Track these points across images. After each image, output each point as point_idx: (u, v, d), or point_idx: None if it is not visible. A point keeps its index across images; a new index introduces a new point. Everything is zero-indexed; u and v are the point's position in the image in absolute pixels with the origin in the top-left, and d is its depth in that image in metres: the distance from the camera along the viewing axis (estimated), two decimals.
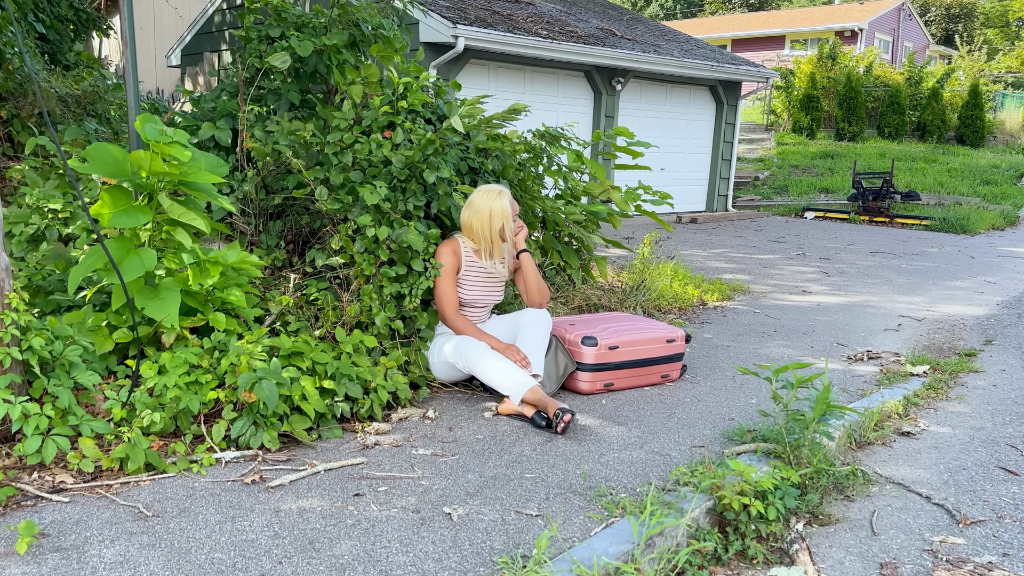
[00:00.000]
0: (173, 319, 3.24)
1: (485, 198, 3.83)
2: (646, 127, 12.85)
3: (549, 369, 3.87)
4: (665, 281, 6.51)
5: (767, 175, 17.64)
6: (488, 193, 3.84)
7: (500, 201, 3.81)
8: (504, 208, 3.81)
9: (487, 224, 3.81)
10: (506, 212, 3.81)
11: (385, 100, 4.22)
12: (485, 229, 3.82)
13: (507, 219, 3.82)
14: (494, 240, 3.83)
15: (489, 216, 3.81)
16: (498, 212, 3.81)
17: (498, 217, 3.81)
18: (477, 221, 3.83)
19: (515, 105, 4.07)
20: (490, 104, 11.11)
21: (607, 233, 10.10)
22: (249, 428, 3.06)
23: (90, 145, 3.26)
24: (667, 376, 4.27)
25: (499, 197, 3.82)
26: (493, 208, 3.81)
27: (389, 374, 3.60)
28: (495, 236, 3.82)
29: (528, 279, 3.90)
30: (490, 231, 3.82)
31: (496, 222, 3.81)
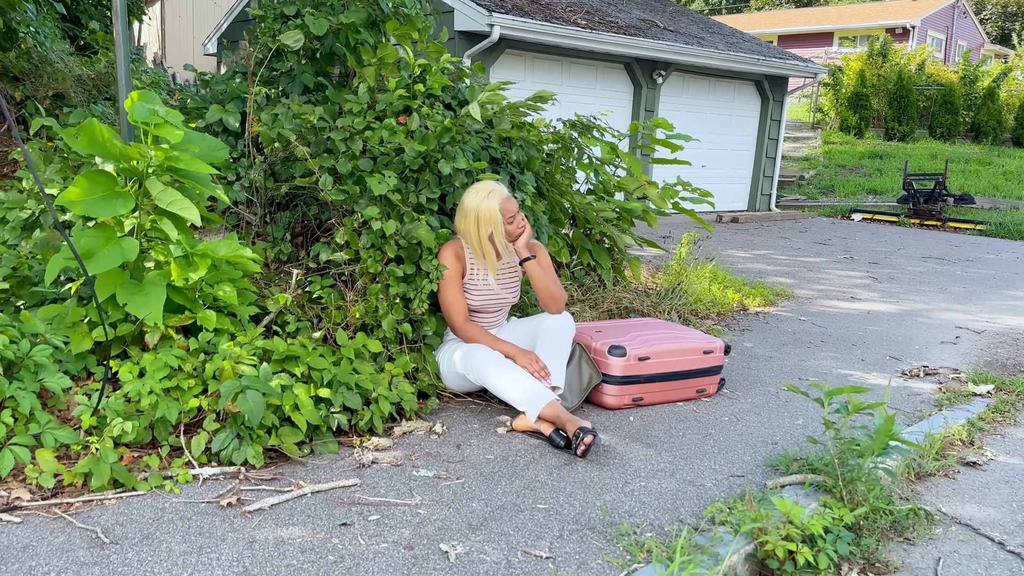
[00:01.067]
0: (156, 317, 2.94)
1: (473, 200, 3.41)
2: (687, 122, 12.39)
3: (571, 381, 3.51)
4: (703, 284, 6.10)
5: (812, 174, 17.04)
6: (476, 193, 3.42)
7: (488, 203, 3.38)
8: (491, 211, 3.38)
9: (474, 230, 3.42)
10: (494, 216, 3.38)
11: (401, 83, 3.89)
12: (473, 236, 3.43)
13: (496, 224, 3.39)
14: (484, 248, 3.44)
15: (475, 220, 3.40)
16: (485, 216, 3.38)
17: (485, 222, 3.38)
18: (464, 225, 3.45)
19: (541, 92, 3.71)
20: (526, 95, 10.76)
21: (642, 232, 9.69)
22: (232, 441, 2.75)
23: (84, 120, 2.98)
24: (703, 391, 3.88)
25: (487, 198, 3.39)
26: (480, 211, 3.39)
27: (394, 383, 3.26)
28: (484, 244, 3.42)
29: (537, 289, 3.49)
30: (478, 238, 3.42)
31: (484, 228, 3.39)
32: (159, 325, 2.97)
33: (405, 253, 3.48)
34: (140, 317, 2.96)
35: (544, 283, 3.47)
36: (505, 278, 3.57)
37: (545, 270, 3.56)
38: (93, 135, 2.83)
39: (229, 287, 3.13)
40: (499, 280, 3.54)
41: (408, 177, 3.63)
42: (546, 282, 3.47)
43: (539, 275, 3.46)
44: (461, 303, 3.45)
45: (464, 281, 3.50)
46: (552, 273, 3.58)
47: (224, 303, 3.24)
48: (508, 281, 3.59)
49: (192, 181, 3.06)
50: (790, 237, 10.64)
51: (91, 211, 2.88)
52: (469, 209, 3.39)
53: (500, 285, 3.54)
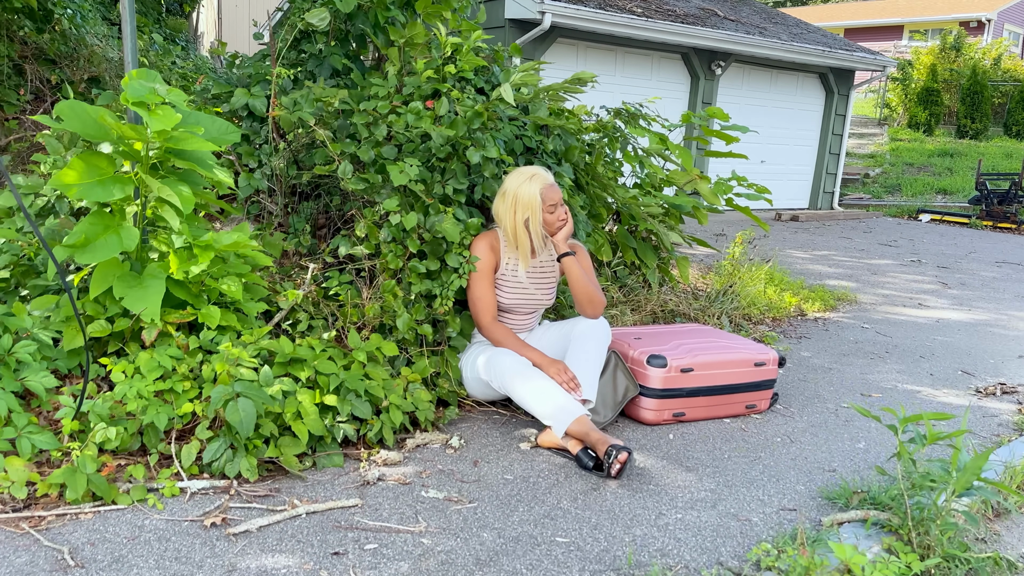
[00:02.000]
0: (153, 312, 2.71)
1: (513, 182, 3.15)
2: (747, 116, 11.89)
3: (605, 393, 3.19)
4: (758, 286, 5.71)
5: (878, 172, 16.31)
6: (518, 175, 3.16)
7: (528, 186, 3.12)
8: (531, 195, 3.11)
9: (511, 214, 3.14)
10: (533, 201, 3.11)
11: (431, 64, 3.60)
12: (509, 221, 3.15)
13: (534, 210, 3.12)
14: (518, 234, 3.15)
15: (513, 203, 3.13)
16: (524, 200, 3.11)
17: (523, 206, 3.11)
18: (503, 211, 3.17)
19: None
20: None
21: (693, 230, 9.28)
22: (225, 452, 2.51)
23: (64, 101, 2.77)
24: (753, 407, 3.53)
25: (529, 182, 3.12)
26: (519, 193, 3.12)
27: (410, 389, 2.99)
28: (519, 229, 3.14)
29: (573, 288, 3.19)
30: (514, 224, 3.14)
31: (520, 212, 3.12)
32: (156, 321, 2.75)
33: (429, 248, 3.20)
34: (136, 312, 2.74)
35: (583, 284, 3.17)
36: (539, 276, 3.27)
37: (585, 270, 3.25)
38: (81, 115, 2.61)
39: (235, 281, 2.89)
40: (531, 276, 3.24)
41: (434, 166, 3.35)
42: (585, 283, 3.17)
43: (578, 274, 3.16)
44: (491, 300, 3.16)
45: (496, 276, 3.21)
46: (592, 275, 3.28)
47: (230, 299, 3.00)
48: (543, 280, 3.29)
49: (192, 163, 2.82)
50: (853, 237, 10.11)
51: (87, 195, 2.67)
52: (508, 190, 3.14)
53: (532, 282, 3.24)
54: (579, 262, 3.25)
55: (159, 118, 2.63)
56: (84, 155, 2.73)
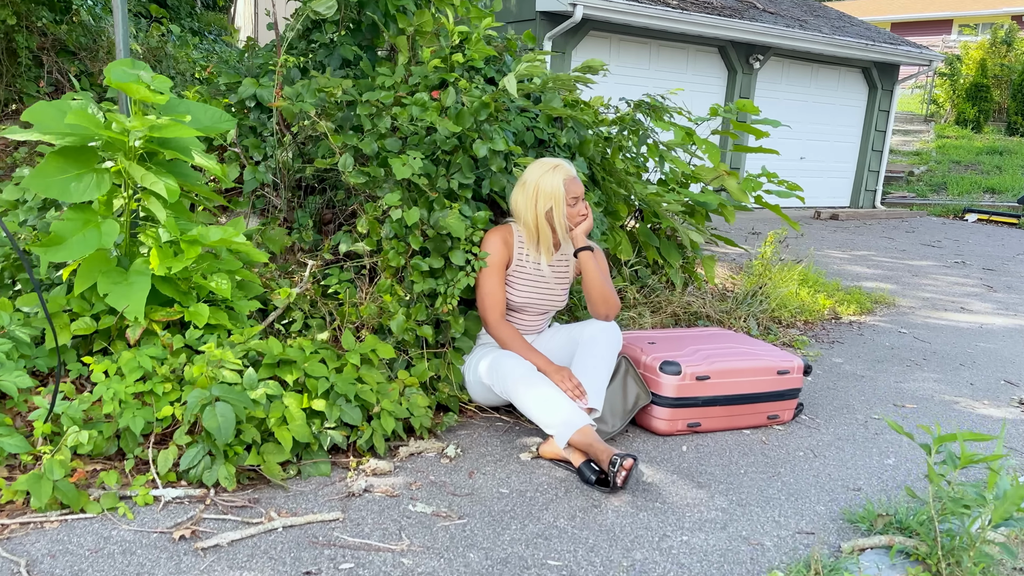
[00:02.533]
0: (137, 310, 2.60)
1: (535, 172, 3.00)
2: (786, 111, 11.56)
3: (613, 401, 3.01)
4: (790, 287, 5.46)
5: (923, 170, 15.81)
6: (540, 166, 3.00)
7: (552, 177, 2.96)
8: (555, 187, 2.95)
9: (531, 205, 2.98)
10: (557, 192, 2.95)
11: (440, 54, 3.44)
12: (529, 212, 2.99)
13: (558, 201, 2.96)
14: (540, 227, 2.99)
15: (535, 193, 2.97)
16: (547, 190, 2.95)
17: (545, 197, 2.95)
18: (522, 201, 3.01)
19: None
20: (611, 80, 10.19)
21: (729, 229, 9.01)
22: (203, 459, 2.38)
23: (36, 104, 2.66)
24: (775, 417, 3.31)
25: (552, 172, 2.97)
26: (542, 184, 2.96)
27: (407, 393, 2.84)
28: (541, 221, 2.98)
29: (589, 286, 3.03)
30: (535, 215, 2.98)
31: (543, 203, 2.96)
32: (140, 320, 2.63)
33: (432, 244, 3.05)
34: (119, 310, 2.62)
35: (599, 282, 3.00)
36: (553, 276, 3.11)
37: (601, 270, 3.08)
38: (54, 116, 2.51)
39: (225, 279, 2.77)
40: (544, 274, 3.08)
41: (440, 160, 3.19)
42: (601, 282, 3.01)
43: (594, 271, 2.99)
44: (499, 296, 3.00)
45: (508, 273, 3.06)
46: (608, 276, 3.10)
47: (221, 296, 2.88)
48: (556, 279, 3.12)
49: (177, 152, 2.70)
50: (895, 237, 9.75)
51: (56, 192, 2.55)
52: (529, 180, 2.98)
53: (546, 280, 3.08)
54: (600, 262, 3.09)
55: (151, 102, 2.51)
56: (60, 150, 2.62)
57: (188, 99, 3.43)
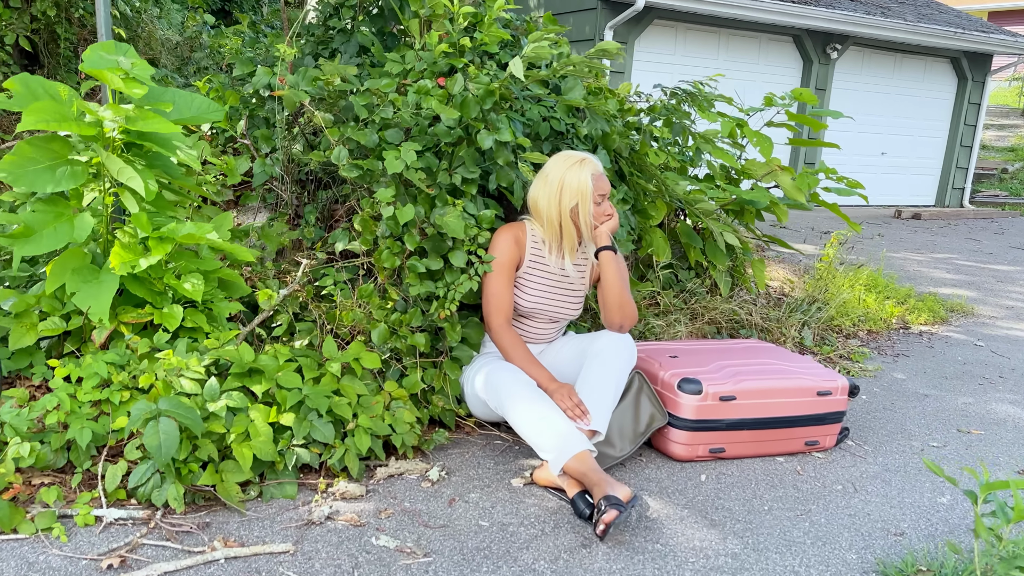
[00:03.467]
0: (101, 311, 2.42)
1: (560, 166, 2.72)
2: (866, 104, 10.91)
3: (623, 421, 2.70)
4: (855, 293, 5.02)
5: (1018, 167, 14.76)
6: (566, 159, 2.73)
7: (579, 173, 2.69)
8: (582, 183, 2.68)
9: (555, 201, 2.71)
10: (584, 188, 2.68)
11: (450, 39, 3.18)
12: (553, 208, 2.72)
13: (585, 198, 2.68)
14: (563, 224, 2.72)
15: (559, 189, 2.70)
16: (573, 186, 2.68)
17: (572, 192, 2.68)
18: (544, 196, 2.73)
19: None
20: (676, 72, 9.76)
21: (794, 228, 8.50)
22: (153, 476, 2.18)
23: (17, 75, 2.51)
24: (815, 444, 2.95)
25: (579, 167, 2.70)
26: (567, 178, 2.69)
27: (393, 407, 2.60)
28: (564, 219, 2.71)
29: (606, 290, 2.74)
30: (559, 211, 2.71)
31: (567, 198, 2.69)
32: (105, 321, 2.46)
33: (430, 244, 2.80)
34: (84, 310, 2.46)
35: (618, 287, 2.73)
36: (568, 281, 2.84)
37: (621, 275, 2.79)
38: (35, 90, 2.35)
39: (198, 278, 2.57)
40: (558, 280, 2.82)
41: (443, 152, 2.94)
42: (620, 286, 2.73)
43: (614, 274, 2.73)
44: (506, 299, 2.74)
45: (518, 274, 2.79)
46: (627, 281, 2.81)
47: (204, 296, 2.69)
48: (570, 286, 2.85)
49: (154, 144, 2.51)
50: (981, 239, 9.04)
51: (27, 182, 2.40)
52: (553, 175, 2.72)
53: (559, 285, 2.82)
54: (618, 258, 2.81)
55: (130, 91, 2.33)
56: (34, 139, 2.47)
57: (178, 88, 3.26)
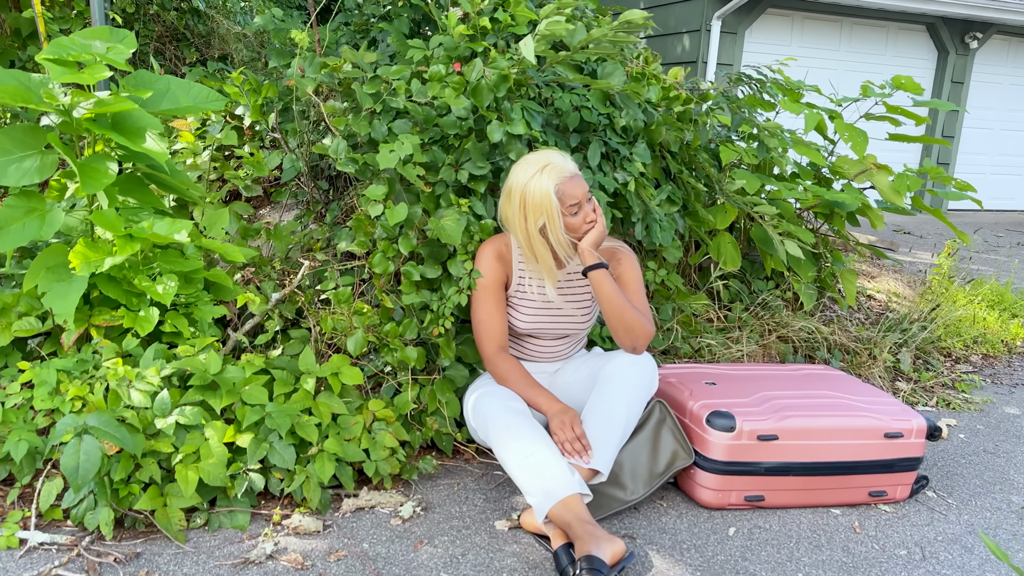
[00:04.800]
0: (67, 313, 2.26)
1: (519, 176, 2.30)
2: (1011, 99, 9.85)
3: (636, 459, 2.31)
4: (970, 309, 4.37)
5: None
6: (525, 167, 2.29)
7: (539, 182, 2.25)
8: (542, 194, 2.24)
9: (519, 219, 2.30)
10: (546, 201, 2.24)
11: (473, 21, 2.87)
12: (519, 229, 2.32)
13: (549, 213, 2.25)
14: (534, 245, 2.32)
15: (521, 204, 2.28)
16: (534, 200, 2.25)
17: (534, 209, 2.26)
18: (508, 211, 2.34)
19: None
20: (792, 65, 9.07)
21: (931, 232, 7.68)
22: (87, 497, 1.99)
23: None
24: (881, 495, 2.46)
25: (540, 174, 2.25)
26: (528, 192, 2.26)
27: (375, 429, 2.32)
28: (535, 240, 2.30)
29: (605, 313, 2.31)
30: (526, 233, 2.31)
31: (533, 217, 2.27)
32: (70, 323, 2.30)
33: (426, 250, 2.51)
34: (53, 311, 2.30)
35: (616, 305, 2.29)
36: (570, 292, 2.46)
37: (626, 285, 2.40)
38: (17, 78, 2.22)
39: (174, 280, 2.37)
40: (563, 293, 2.44)
41: (452, 146, 2.64)
42: (619, 304, 2.29)
43: (608, 292, 2.29)
44: (497, 325, 2.38)
45: (509, 293, 2.44)
46: (636, 291, 2.40)
47: (186, 300, 2.50)
48: (574, 296, 2.47)
49: (120, 135, 2.33)
50: None
51: None
52: (514, 188, 2.30)
53: (565, 299, 2.44)
54: (621, 274, 2.40)
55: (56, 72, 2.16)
56: (8, 128, 2.34)
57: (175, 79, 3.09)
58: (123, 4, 5.26)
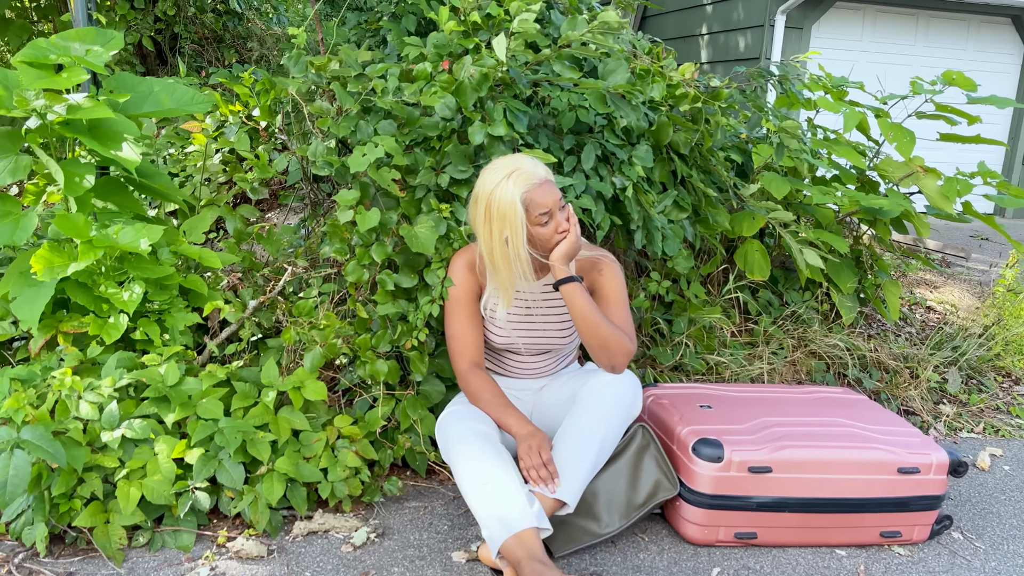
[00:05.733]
0: (31, 320, 2.22)
1: (486, 182, 2.10)
2: None
3: (613, 488, 2.12)
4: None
5: None
6: (492, 173, 2.09)
7: (505, 188, 2.05)
8: (507, 203, 2.04)
9: (484, 228, 2.10)
10: (511, 211, 2.03)
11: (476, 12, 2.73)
12: (483, 236, 2.11)
13: (513, 224, 2.04)
14: (495, 259, 2.11)
15: (486, 212, 2.08)
16: (498, 208, 2.05)
17: (498, 218, 2.06)
18: (477, 223, 2.13)
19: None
20: (863, 61, 8.62)
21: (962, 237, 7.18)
22: (26, 512, 1.93)
23: None
24: (895, 536, 2.21)
25: (507, 180, 2.05)
26: (493, 199, 2.06)
27: (339, 447, 2.20)
28: (496, 252, 2.10)
29: (580, 330, 2.11)
30: (490, 242, 2.10)
31: (497, 227, 2.07)
32: (34, 329, 2.26)
33: (401, 258, 2.38)
34: (20, 318, 2.26)
35: (590, 321, 2.08)
36: (548, 305, 2.28)
37: (605, 298, 2.20)
38: None
39: (140, 287, 2.31)
40: (539, 306, 2.26)
41: (433, 149, 2.50)
42: (593, 320, 2.08)
43: (581, 308, 2.08)
44: (469, 339, 2.22)
45: (483, 303, 2.27)
46: (617, 303, 2.19)
47: (159, 307, 2.43)
48: (552, 310, 2.28)
49: (93, 140, 2.27)
50: None
51: None
52: (480, 194, 2.11)
53: (542, 313, 2.26)
54: (605, 285, 2.21)
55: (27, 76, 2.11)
56: None
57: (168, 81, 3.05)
58: (164, 7, 5.31)
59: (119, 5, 5.24)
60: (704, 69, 8.61)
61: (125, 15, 5.32)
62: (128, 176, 2.57)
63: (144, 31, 5.34)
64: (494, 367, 2.37)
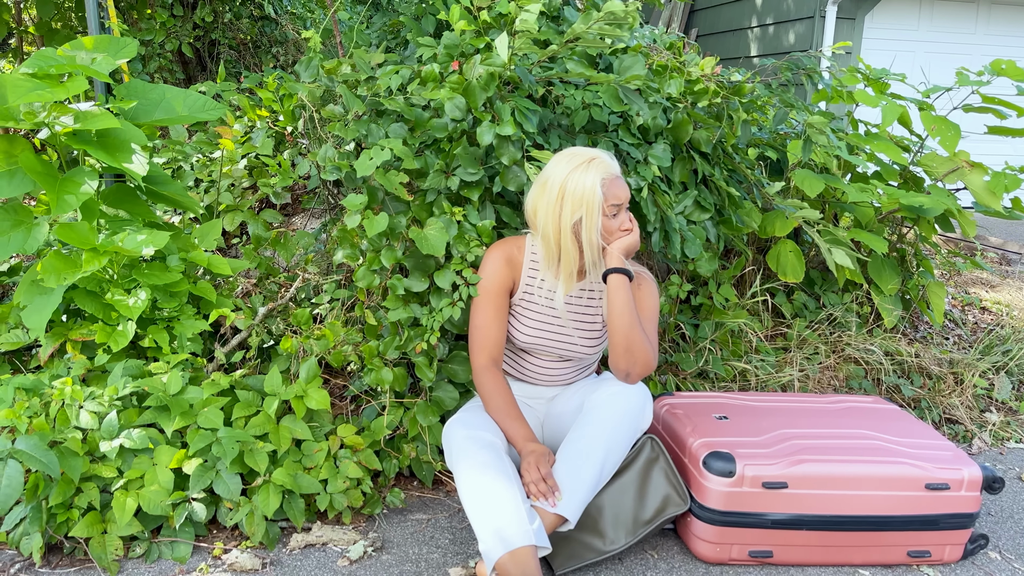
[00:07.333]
0: (38, 328, 2.23)
1: (561, 167, 2.08)
2: None
3: (620, 503, 2.04)
4: None
5: None
6: (570, 159, 2.08)
7: (584, 176, 2.04)
8: (588, 189, 2.03)
9: (554, 212, 2.07)
10: (591, 196, 2.03)
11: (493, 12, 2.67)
12: (551, 221, 2.08)
13: (590, 210, 2.03)
14: (562, 243, 2.08)
15: (560, 197, 2.06)
16: (576, 193, 2.04)
17: (575, 202, 2.04)
18: (543, 206, 2.11)
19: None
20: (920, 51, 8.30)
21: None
22: (24, 522, 1.93)
23: None
24: (924, 555, 2.08)
25: (586, 168, 2.05)
26: (569, 184, 2.05)
27: (340, 457, 2.16)
28: (565, 236, 2.06)
29: (611, 324, 2.06)
30: (557, 226, 2.07)
31: (569, 211, 2.05)
32: (40, 337, 2.27)
33: (411, 262, 2.33)
34: (29, 326, 2.28)
35: (626, 320, 2.04)
36: (579, 310, 2.21)
37: (641, 312, 2.14)
38: None
39: (145, 294, 2.30)
40: (571, 309, 2.19)
41: (443, 151, 2.44)
42: (629, 320, 2.04)
43: (623, 303, 2.05)
44: (493, 333, 2.16)
45: (513, 300, 2.21)
46: (649, 319, 2.14)
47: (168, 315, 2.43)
48: (583, 316, 2.21)
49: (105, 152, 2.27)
50: None
51: None
52: (553, 179, 2.08)
53: (571, 317, 2.19)
54: (643, 299, 2.16)
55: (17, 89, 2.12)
56: (5, 137, 2.34)
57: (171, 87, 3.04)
58: (202, 14, 5.37)
59: (158, 13, 5.32)
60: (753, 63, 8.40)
61: (165, 22, 5.40)
62: (138, 184, 2.58)
63: (184, 38, 5.41)
64: (511, 370, 2.30)
